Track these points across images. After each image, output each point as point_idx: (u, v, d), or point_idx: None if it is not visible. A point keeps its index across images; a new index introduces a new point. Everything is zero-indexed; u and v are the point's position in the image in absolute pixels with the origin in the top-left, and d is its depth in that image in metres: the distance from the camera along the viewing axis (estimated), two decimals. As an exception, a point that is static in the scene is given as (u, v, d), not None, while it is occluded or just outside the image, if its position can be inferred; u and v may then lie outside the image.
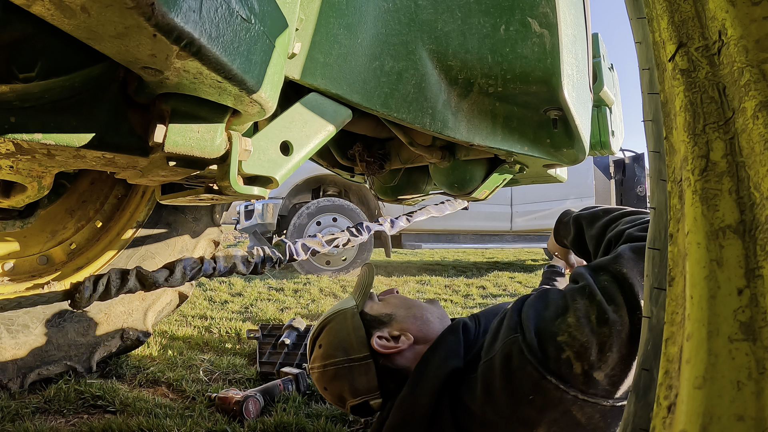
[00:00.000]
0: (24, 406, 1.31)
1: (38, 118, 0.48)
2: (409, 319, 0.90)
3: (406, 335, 0.87)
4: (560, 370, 0.68)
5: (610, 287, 0.71)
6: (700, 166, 0.34)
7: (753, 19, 0.32)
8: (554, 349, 0.69)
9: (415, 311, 0.92)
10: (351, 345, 0.87)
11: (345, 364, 0.87)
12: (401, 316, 0.90)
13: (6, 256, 1.35)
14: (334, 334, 0.90)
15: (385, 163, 1.24)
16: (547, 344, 0.70)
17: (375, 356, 0.86)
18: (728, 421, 0.27)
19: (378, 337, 0.87)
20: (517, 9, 0.89)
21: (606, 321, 0.68)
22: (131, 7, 0.33)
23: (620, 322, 0.67)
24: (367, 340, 0.87)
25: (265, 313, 2.73)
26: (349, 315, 0.91)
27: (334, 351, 0.88)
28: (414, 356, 0.87)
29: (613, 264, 0.74)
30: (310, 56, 0.70)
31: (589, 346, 0.67)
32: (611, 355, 0.67)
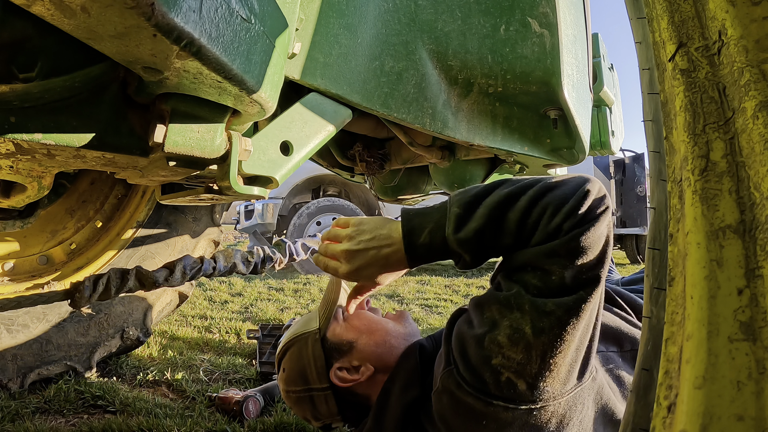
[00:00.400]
0: (24, 406, 1.31)
1: (38, 118, 0.48)
2: (370, 348, 0.87)
3: (366, 366, 0.86)
4: (503, 393, 0.64)
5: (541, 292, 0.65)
6: (700, 166, 0.34)
7: (753, 19, 0.32)
8: (491, 374, 0.65)
9: (377, 337, 0.89)
10: (311, 375, 0.87)
11: (305, 393, 0.88)
12: (362, 343, 0.88)
13: (6, 256, 1.35)
14: (295, 361, 0.90)
15: (385, 163, 1.24)
16: (483, 371, 0.65)
17: (335, 387, 0.86)
18: (728, 421, 0.27)
19: (338, 369, 0.86)
20: (517, 9, 0.89)
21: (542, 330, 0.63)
22: (131, 7, 0.33)
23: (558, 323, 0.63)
24: (326, 371, 0.87)
25: (265, 313, 2.73)
26: (311, 341, 0.89)
27: (295, 378, 0.89)
28: (374, 385, 0.85)
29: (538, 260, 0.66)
30: (310, 56, 0.70)
31: (527, 362, 0.63)
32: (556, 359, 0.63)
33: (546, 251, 0.65)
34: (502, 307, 0.66)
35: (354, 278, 0.76)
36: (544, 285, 0.65)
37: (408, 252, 0.72)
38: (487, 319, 0.67)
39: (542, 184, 0.70)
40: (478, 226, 0.68)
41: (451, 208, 0.71)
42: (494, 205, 0.69)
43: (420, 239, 0.71)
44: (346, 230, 0.77)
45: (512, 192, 0.69)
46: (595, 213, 0.65)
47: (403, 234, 0.72)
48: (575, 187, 0.67)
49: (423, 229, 0.71)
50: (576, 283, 0.64)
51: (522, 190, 0.69)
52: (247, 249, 1.14)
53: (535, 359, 0.63)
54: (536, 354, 0.63)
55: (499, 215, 0.68)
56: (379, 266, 0.74)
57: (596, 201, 0.66)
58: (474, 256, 0.70)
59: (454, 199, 0.72)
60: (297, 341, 0.91)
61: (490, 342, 0.65)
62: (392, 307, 3.09)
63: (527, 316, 0.64)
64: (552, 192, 0.68)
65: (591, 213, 0.65)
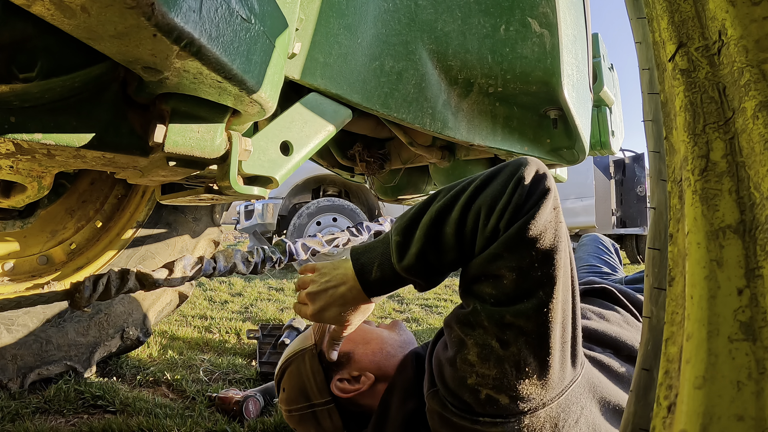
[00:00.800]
0: (24, 406, 1.31)
1: (38, 118, 0.48)
2: (368, 357, 0.87)
3: (366, 375, 0.86)
4: (487, 410, 0.63)
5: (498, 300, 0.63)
6: (700, 166, 0.34)
7: (753, 19, 0.32)
8: (470, 394, 0.63)
9: (373, 346, 0.89)
10: (312, 390, 0.87)
11: (308, 409, 0.87)
12: (360, 354, 0.88)
13: (6, 256, 1.35)
14: (294, 379, 0.89)
15: (385, 163, 1.24)
16: (462, 392, 0.64)
17: (337, 399, 0.86)
18: (728, 421, 0.27)
19: (338, 380, 0.86)
20: (517, 9, 0.89)
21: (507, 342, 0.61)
22: (131, 7, 0.33)
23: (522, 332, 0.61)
24: (327, 385, 0.86)
25: (265, 313, 2.73)
26: (308, 357, 0.89)
27: (296, 396, 0.88)
28: (376, 395, 0.85)
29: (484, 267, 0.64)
30: (310, 56, 0.70)
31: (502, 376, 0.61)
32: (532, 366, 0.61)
33: (489, 257, 0.62)
34: (464, 326, 0.65)
35: (319, 319, 0.77)
36: (499, 291, 0.62)
37: (364, 289, 0.72)
38: (455, 339, 0.66)
39: (474, 185, 0.66)
40: (417, 249, 0.67)
41: (392, 238, 0.71)
42: (429, 224, 0.67)
43: (372, 276, 0.71)
44: (310, 276, 0.80)
45: (444, 204, 0.67)
46: (533, 200, 0.61)
47: (355, 273, 0.72)
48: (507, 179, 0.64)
49: (372, 265, 0.72)
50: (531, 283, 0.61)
51: (453, 199, 0.67)
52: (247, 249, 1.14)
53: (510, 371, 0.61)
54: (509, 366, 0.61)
55: (436, 233, 0.67)
56: (338, 305, 0.75)
57: (532, 187, 0.62)
58: (425, 279, 0.69)
59: (394, 226, 0.72)
60: (294, 360, 0.91)
61: (462, 362, 0.64)
62: (392, 307, 3.09)
63: (489, 331, 0.62)
64: (483, 191, 0.65)
65: (528, 201, 0.61)
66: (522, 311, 0.60)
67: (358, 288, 0.73)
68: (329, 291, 0.75)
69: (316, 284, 0.77)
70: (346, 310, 0.75)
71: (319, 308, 0.76)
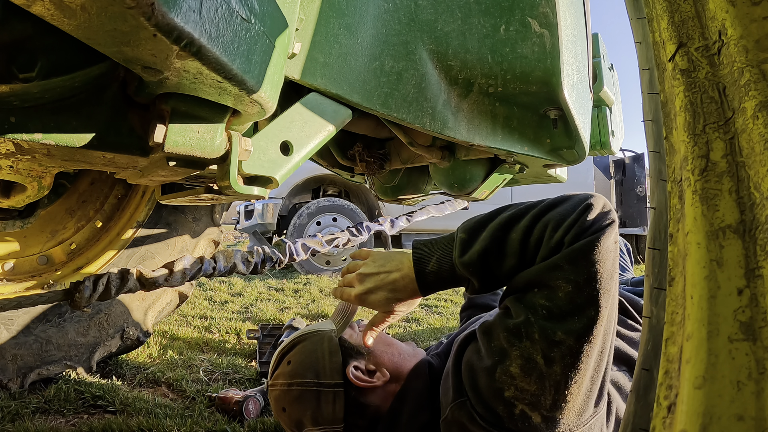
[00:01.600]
0: (24, 406, 1.31)
1: (38, 118, 0.48)
2: (387, 356, 0.87)
3: (383, 371, 0.84)
4: (518, 426, 0.63)
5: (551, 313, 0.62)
6: (700, 166, 0.34)
7: (753, 19, 0.32)
8: (504, 407, 0.63)
9: (392, 349, 0.90)
10: (324, 369, 0.83)
11: (313, 387, 0.82)
12: (380, 350, 0.87)
13: (6, 256, 1.35)
14: (307, 354, 0.85)
15: (385, 163, 1.24)
16: (495, 404, 0.64)
17: (347, 387, 0.82)
18: (728, 421, 0.27)
19: (354, 367, 0.83)
20: (517, 9, 0.89)
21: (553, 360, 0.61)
22: (131, 7, 0.33)
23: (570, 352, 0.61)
24: (342, 368, 0.83)
25: (265, 313, 2.73)
26: (327, 338, 0.87)
27: (304, 371, 0.84)
28: (386, 395, 0.83)
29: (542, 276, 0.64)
30: (310, 56, 0.70)
31: (541, 393, 0.61)
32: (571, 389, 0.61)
33: (549, 266, 0.63)
34: (511, 336, 0.64)
35: (364, 300, 0.78)
36: (552, 304, 0.62)
37: (418, 279, 0.73)
38: (496, 348, 0.66)
39: (545, 203, 0.70)
40: (481, 248, 0.69)
41: (457, 235, 0.73)
42: (497, 227, 0.70)
43: (429, 267, 0.73)
44: (362, 261, 0.82)
45: (515, 214, 0.70)
46: (599, 225, 0.64)
47: (413, 262, 0.74)
48: (577, 203, 0.67)
49: (431, 257, 0.73)
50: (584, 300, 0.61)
51: (524, 211, 0.70)
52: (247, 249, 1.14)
53: (549, 390, 0.61)
54: (550, 384, 0.61)
55: (502, 236, 0.69)
56: (387, 290, 0.76)
57: (600, 215, 0.65)
58: (481, 279, 0.70)
59: (461, 227, 0.74)
60: (310, 336, 0.88)
61: (502, 373, 0.63)
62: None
63: (537, 345, 0.62)
64: (554, 209, 0.68)
65: (594, 226, 0.63)
66: (573, 330, 0.61)
67: (411, 277, 0.74)
68: (381, 275, 0.77)
69: (367, 267, 0.79)
70: (393, 297, 0.76)
71: (366, 290, 0.77)
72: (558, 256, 0.63)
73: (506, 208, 0.73)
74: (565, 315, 0.62)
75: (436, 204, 1.80)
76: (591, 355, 0.62)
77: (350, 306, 0.91)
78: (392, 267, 0.76)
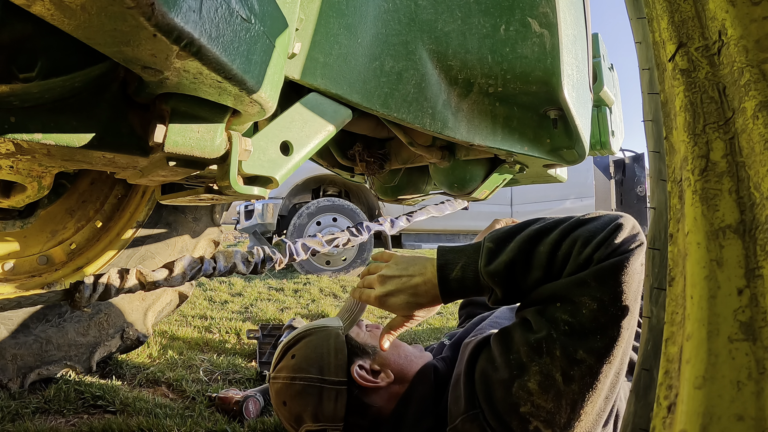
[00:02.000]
0: (24, 406, 1.31)
1: (38, 118, 0.48)
2: (392, 357, 0.86)
3: (387, 372, 0.84)
4: None
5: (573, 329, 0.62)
6: (700, 166, 0.34)
7: (753, 19, 0.32)
8: (519, 422, 0.63)
9: (399, 350, 0.89)
10: (329, 365, 0.83)
11: (317, 383, 0.82)
12: (387, 351, 0.86)
13: (6, 256, 1.35)
14: (312, 348, 0.85)
15: (385, 163, 1.24)
16: (510, 419, 0.64)
17: (351, 385, 0.82)
18: (728, 421, 0.27)
19: (359, 366, 0.83)
20: (517, 9, 0.89)
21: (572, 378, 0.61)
22: (131, 7, 0.33)
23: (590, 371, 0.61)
24: (347, 366, 0.83)
25: (265, 313, 2.73)
26: (333, 334, 0.87)
27: (308, 366, 0.83)
28: (389, 397, 0.83)
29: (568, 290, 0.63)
30: (310, 56, 0.70)
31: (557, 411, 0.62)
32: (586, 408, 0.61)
33: (576, 281, 0.63)
34: (531, 351, 0.64)
35: (383, 303, 0.77)
36: (575, 320, 0.62)
37: (441, 285, 0.72)
38: (514, 361, 0.65)
39: (574, 219, 0.70)
40: (508, 258, 0.68)
41: (484, 244, 0.72)
42: (525, 239, 0.69)
43: (453, 273, 0.72)
44: (384, 263, 0.81)
45: (544, 227, 0.70)
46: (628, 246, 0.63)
47: (437, 267, 0.73)
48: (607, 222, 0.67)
49: (456, 264, 0.73)
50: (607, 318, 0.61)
51: (554, 225, 0.70)
52: (247, 249, 1.14)
53: (565, 408, 0.61)
54: (566, 403, 0.61)
55: (530, 248, 0.68)
56: (408, 294, 0.75)
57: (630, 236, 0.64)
58: (505, 289, 0.69)
59: (488, 236, 0.74)
60: (317, 332, 0.88)
61: (519, 388, 0.63)
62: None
63: (557, 362, 0.62)
64: (584, 226, 0.67)
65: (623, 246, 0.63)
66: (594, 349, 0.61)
67: (434, 283, 0.73)
68: (403, 278, 0.76)
69: (390, 269, 0.78)
70: (414, 302, 0.75)
71: (387, 292, 0.76)
72: (586, 272, 0.63)
73: (535, 221, 0.73)
74: (588, 333, 0.62)
75: (436, 204, 1.80)
76: (608, 375, 0.62)
77: (359, 304, 0.90)
78: (415, 271, 0.75)
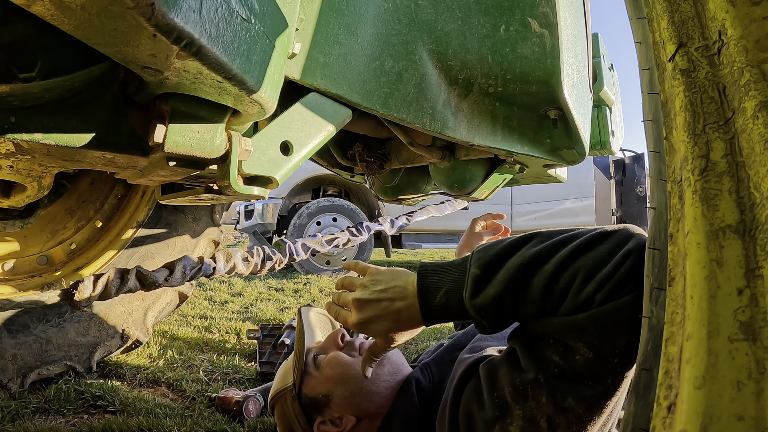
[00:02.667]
0: (24, 406, 1.31)
1: (38, 118, 0.48)
2: (346, 400, 0.83)
3: (347, 417, 0.83)
4: None
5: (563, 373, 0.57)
6: (700, 166, 0.34)
7: (753, 19, 0.32)
8: None
9: (351, 386, 0.84)
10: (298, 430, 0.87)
11: None
12: (338, 396, 0.83)
13: (6, 256, 1.35)
14: (282, 418, 0.89)
15: (385, 163, 1.24)
16: None
17: None
18: (728, 421, 0.27)
19: (321, 423, 0.84)
20: (517, 9, 0.89)
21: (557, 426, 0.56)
22: (131, 7, 0.33)
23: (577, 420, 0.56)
24: (310, 426, 0.85)
25: (265, 313, 2.73)
26: (290, 399, 0.87)
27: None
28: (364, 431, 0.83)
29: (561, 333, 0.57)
30: (310, 56, 0.70)
31: None
32: None
33: (572, 325, 0.55)
34: (516, 393, 0.59)
35: (363, 330, 0.71)
36: (567, 365, 0.56)
37: (423, 312, 0.66)
38: (498, 400, 0.61)
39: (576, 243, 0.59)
40: (497, 292, 0.60)
41: (470, 269, 0.63)
42: (517, 269, 0.60)
43: (435, 300, 0.65)
44: (360, 279, 0.73)
45: (539, 253, 0.60)
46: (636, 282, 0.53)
47: (417, 292, 0.66)
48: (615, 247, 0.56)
49: (439, 289, 0.65)
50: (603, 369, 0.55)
51: (550, 251, 0.59)
52: (247, 249, 1.14)
53: None
54: None
55: (522, 280, 0.60)
56: (390, 320, 0.68)
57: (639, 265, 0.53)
58: (493, 323, 0.63)
59: (476, 257, 0.64)
60: (279, 399, 0.89)
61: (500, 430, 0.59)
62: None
63: (543, 408, 0.57)
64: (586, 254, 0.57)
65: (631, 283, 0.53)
66: (584, 396, 0.55)
67: (416, 309, 0.66)
68: (383, 303, 0.68)
69: (367, 291, 0.70)
70: (396, 327, 0.69)
71: (366, 319, 0.69)
72: (584, 315, 0.55)
73: (530, 239, 0.64)
74: (580, 380, 0.56)
75: (436, 204, 1.80)
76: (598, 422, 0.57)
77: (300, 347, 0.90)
78: (395, 294, 0.68)
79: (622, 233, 0.58)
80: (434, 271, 0.67)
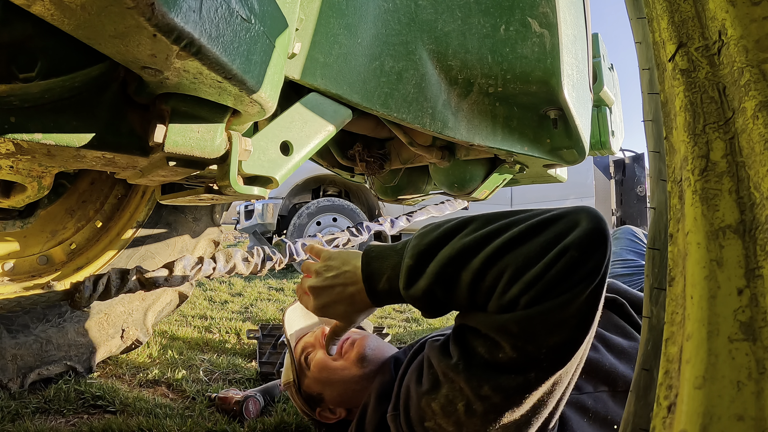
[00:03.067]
0: (24, 406, 1.31)
1: (38, 118, 0.48)
2: (335, 398, 0.93)
3: (339, 410, 0.94)
4: None
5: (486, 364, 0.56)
6: (700, 166, 0.34)
7: (753, 19, 0.32)
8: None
9: (338, 388, 0.91)
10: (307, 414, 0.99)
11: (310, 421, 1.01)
12: (329, 395, 0.93)
13: (6, 256, 1.35)
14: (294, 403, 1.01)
15: (385, 163, 1.24)
16: (417, 428, 0.64)
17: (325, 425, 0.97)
18: (728, 421, 0.27)
19: (321, 411, 0.95)
20: (517, 9, 0.89)
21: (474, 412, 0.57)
22: (131, 7, 0.33)
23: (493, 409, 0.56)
24: (314, 412, 0.96)
25: (265, 313, 2.73)
26: (294, 392, 0.98)
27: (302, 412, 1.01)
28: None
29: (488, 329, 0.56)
30: (310, 56, 0.70)
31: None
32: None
33: (497, 325, 0.55)
34: (442, 375, 0.61)
35: (323, 314, 0.74)
36: (491, 358, 0.56)
37: (370, 297, 0.68)
38: (431, 377, 0.64)
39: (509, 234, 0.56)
40: (427, 285, 0.60)
41: (405, 258, 0.64)
42: (446, 261, 0.59)
43: (379, 285, 0.66)
44: (315, 265, 0.76)
45: (469, 244, 0.58)
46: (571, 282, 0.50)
47: (363, 278, 0.68)
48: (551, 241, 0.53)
49: (381, 276, 0.66)
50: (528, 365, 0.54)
51: (480, 243, 0.57)
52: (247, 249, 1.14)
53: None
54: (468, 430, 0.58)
55: (451, 273, 0.58)
56: (345, 304, 0.71)
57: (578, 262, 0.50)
58: (430, 312, 0.64)
59: (412, 244, 0.65)
60: (288, 389, 1.01)
61: (426, 405, 0.62)
62: (392, 306, 3.08)
63: (460, 393, 0.58)
64: (517, 249, 0.54)
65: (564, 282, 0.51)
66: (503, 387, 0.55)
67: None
68: (336, 288, 0.71)
69: (321, 278, 0.72)
70: (353, 310, 0.72)
71: (323, 304, 0.72)
72: (508, 317, 0.53)
73: (467, 224, 0.62)
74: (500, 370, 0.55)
75: (436, 204, 1.80)
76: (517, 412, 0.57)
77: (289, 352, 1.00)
78: (347, 279, 0.70)
79: (568, 220, 0.54)
80: (376, 256, 0.68)
